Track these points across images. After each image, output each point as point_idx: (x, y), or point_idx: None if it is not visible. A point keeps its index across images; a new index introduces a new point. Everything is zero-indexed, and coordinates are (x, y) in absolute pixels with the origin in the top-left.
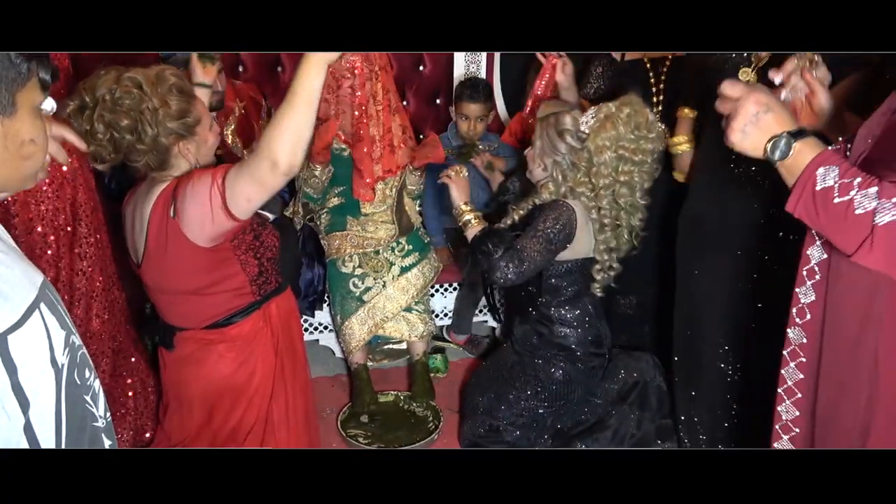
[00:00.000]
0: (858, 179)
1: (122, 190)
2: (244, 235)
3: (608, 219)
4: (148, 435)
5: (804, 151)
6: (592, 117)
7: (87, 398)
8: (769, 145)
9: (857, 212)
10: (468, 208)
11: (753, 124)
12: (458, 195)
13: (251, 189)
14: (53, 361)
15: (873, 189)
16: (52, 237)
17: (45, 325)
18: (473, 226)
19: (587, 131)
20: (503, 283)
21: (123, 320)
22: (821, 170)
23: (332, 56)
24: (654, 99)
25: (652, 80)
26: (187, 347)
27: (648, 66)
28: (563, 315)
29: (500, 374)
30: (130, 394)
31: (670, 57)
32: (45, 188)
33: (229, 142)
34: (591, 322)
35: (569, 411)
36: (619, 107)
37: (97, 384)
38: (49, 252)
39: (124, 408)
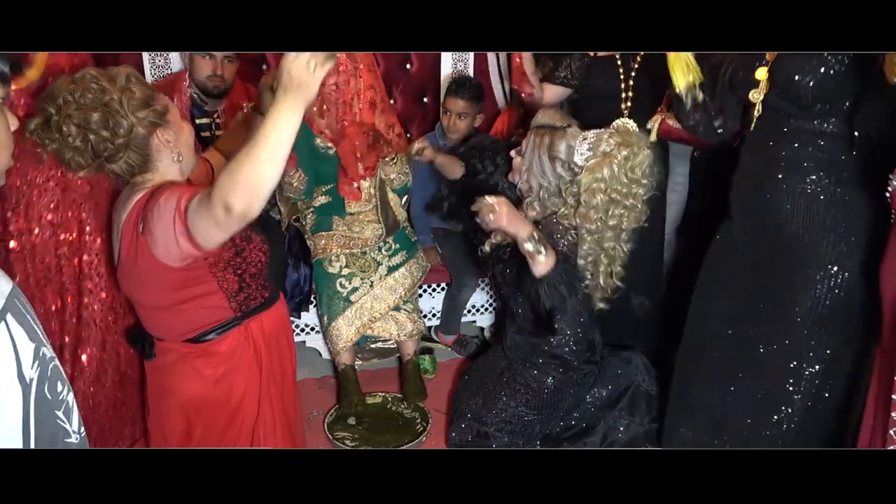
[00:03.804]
0: None
1: None
2: (222, 252)
3: (582, 261)
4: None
5: None
6: (589, 149)
7: (60, 413)
8: None
9: None
10: (536, 238)
11: None
12: (521, 226)
13: (209, 227)
14: (21, 376)
15: None
16: (55, 266)
17: (12, 337)
18: (545, 260)
19: (580, 164)
20: (564, 318)
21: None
22: None
23: (311, 95)
24: (623, 95)
25: (621, 76)
26: (167, 358)
27: (619, 62)
28: (558, 324)
29: (489, 380)
30: (129, 418)
31: (641, 54)
32: (48, 216)
33: None
34: (585, 330)
35: (558, 417)
36: (618, 146)
37: (70, 397)
38: (55, 281)
39: (121, 433)
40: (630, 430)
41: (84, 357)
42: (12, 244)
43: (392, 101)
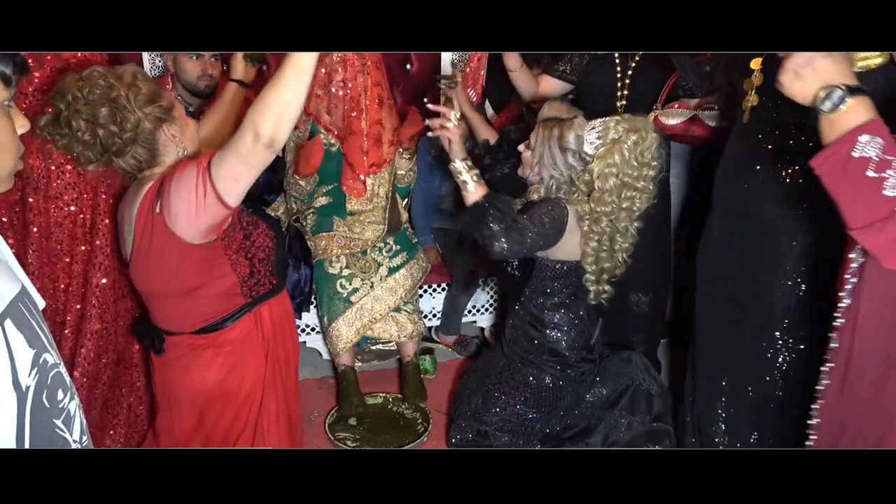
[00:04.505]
0: None
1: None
2: (234, 234)
3: (596, 242)
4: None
5: (856, 111)
6: (598, 138)
7: (59, 423)
8: (822, 93)
9: (885, 192)
10: (468, 166)
11: (808, 66)
12: (456, 149)
13: (237, 166)
14: (16, 384)
15: None
16: (67, 245)
17: (8, 343)
18: (475, 189)
19: (591, 153)
20: (499, 255)
21: (127, 329)
22: (865, 137)
23: None
24: (619, 93)
25: (619, 74)
26: (177, 352)
27: (617, 59)
28: (555, 319)
29: (488, 379)
30: (126, 404)
31: (640, 52)
32: (65, 196)
33: None
34: (584, 327)
35: (558, 416)
36: (626, 132)
37: (73, 405)
38: (66, 259)
39: (116, 418)
40: (631, 430)
41: (86, 336)
42: (34, 230)
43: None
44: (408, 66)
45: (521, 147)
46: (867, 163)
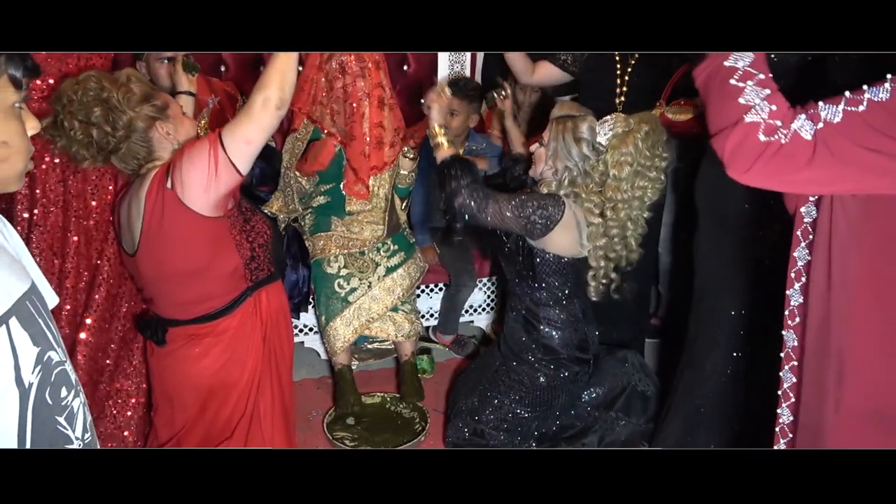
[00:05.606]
0: (762, 77)
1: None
2: (237, 215)
3: (616, 229)
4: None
5: None
6: (610, 130)
7: (61, 420)
8: None
9: (740, 100)
10: (442, 131)
11: None
12: (437, 115)
13: (248, 129)
14: (19, 381)
15: (766, 91)
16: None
17: (12, 340)
18: (445, 149)
19: (604, 143)
20: (460, 210)
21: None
22: (739, 53)
23: None
24: (618, 90)
25: (619, 70)
26: (177, 343)
27: (618, 57)
28: (551, 315)
29: (484, 378)
30: (131, 404)
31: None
32: (93, 203)
33: (201, 135)
34: (579, 326)
35: (554, 417)
36: (638, 123)
37: (76, 403)
38: (103, 276)
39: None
40: (627, 431)
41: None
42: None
43: None
44: (405, 68)
45: (532, 147)
46: (734, 72)
